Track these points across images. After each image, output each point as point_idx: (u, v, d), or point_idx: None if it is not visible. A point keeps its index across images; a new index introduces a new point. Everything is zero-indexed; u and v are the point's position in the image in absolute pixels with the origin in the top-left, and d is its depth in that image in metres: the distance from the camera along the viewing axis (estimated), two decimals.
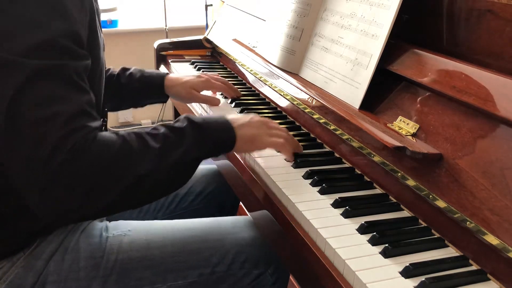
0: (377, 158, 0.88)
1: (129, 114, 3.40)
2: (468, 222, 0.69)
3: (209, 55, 1.80)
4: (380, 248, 0.70)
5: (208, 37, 1.74)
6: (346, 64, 1.03)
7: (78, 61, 0.73)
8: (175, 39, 1.81)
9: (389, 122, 0.91)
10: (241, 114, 0.94)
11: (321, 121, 1.05)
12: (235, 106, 1.27)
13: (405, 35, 0.98)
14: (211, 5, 2.70)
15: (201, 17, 2.92)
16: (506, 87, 0.73)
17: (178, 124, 0.83)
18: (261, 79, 1.34)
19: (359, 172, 0.94)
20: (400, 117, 0.90)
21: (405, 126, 0.88)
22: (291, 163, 0.95)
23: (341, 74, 1.04)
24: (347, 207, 0.79)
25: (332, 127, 1.01)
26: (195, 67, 1.64)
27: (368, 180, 0.91)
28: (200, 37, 1.78)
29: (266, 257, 0.94)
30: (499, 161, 0.71)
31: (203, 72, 1.55)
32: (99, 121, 0.76)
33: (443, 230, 0.75)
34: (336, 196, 0.83)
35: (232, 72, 1.60)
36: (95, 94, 0.82)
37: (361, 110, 0.96)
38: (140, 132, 0.78)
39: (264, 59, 1.31)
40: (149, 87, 1.23)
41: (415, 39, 0.96)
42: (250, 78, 1.44)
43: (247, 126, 0.90)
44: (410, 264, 0.66)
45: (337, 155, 1.00)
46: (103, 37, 0.91)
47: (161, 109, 3.16)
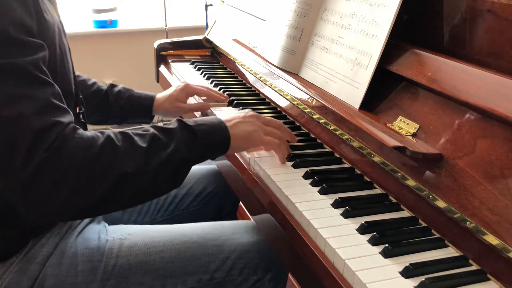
0: (377, 158, 0.88)
1: None
2: (468, 222, 0.69)
3: (209, 55, 1.80)
4: (380, 248, 0.70)
5: (208, 37, 1.74)
6: (346, 64, 1.03)
7: (33, 53, 0.71)
8: (175, 39, 1.81)
9: (389, 122, 0.91)
10: (235, 112, 0.93)
11: (321, 121, 1.05)
12: (235, 106, 1.27)
13: (405, 35, 0.98)
14: (211, 5, 2.70)
15: (201, 17, 2.92)
16: (506, 87, 0.73)
17: (168, 126, 0.82)
18: (261, 79, 1.34)
19: (359, 172, 0.94)
20: (400, 117, 0.90)
21: (405, 126, 0.88)
22: (291, 163, 0.95)
23: (341, 74, 1.04)
24: (347, 207, 0.79)
25: (332, 127, 1.01)
26: (195, 67, 1.63)
27: (368, 180, 0.91)
28: (200, 37, 1.78)
29: (265, 263, 0.94)
30: (499, 161, 0.71)
31: (204, 72, 1.56)
32: (70, 114, 0.74)
33: (443, 230, 0.75)
34: (336, 196, 0.83)
35: (232, 72, 1.60)
36: (62, 82, 0.79)
37: (361, 110, 0.96)
38: (127, 132, 0.77)
39: (264, 59, 1.31)
40: (137, 107, 1.23)
41: (415, 39, 0.96)
42: (250, 78, 1.44)
43: (240, 124, 0.89)
44: (410, 264, 0.66)
45: (337, 155, 1.00)
46: (60, 21, 0.87)
47: None
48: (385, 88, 0.97)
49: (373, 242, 0.71)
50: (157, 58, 1.77)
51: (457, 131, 0.79)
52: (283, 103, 1.24)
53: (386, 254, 0.69)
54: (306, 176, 0.90)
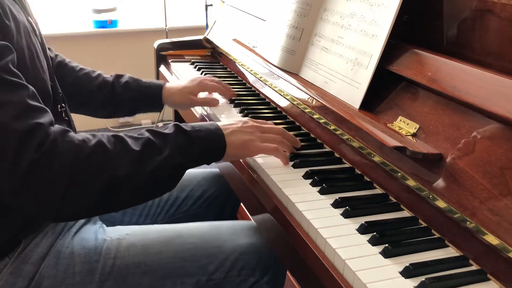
0: (377, 158, 0.88)
1: None
2: (468, 222, 0.69)
3: (209, 55, 1.80)
4: (380, 248, 0.70)
5: (208, 37, 1.74)
6: (346, 64, 1.03)
7: (1, 58, 0.70)
8: (175, 39, 1.81)
9: (389, 122, 0.91)
10: (235, 118, 0.92)
11: (321, 121, 1.05)
12: (235, 106, 1.27)
13: (405, 35, 0.98)
14: (211, 5, 2.70)
15: (201, 17, 2.92)
16: (506, 87, 0.73)
17: (164, 130, 0.82)
18: (261, 79, 1.34)
19: (359, 172, 0.94)
20: (400, 117, 0.90)
21: (405, 126, 0.88)
22: (291, 163, 0.95)
23: (341, 74, 1.04)
24: (347, 207, 0.79)
25: (332, 127, 1.01)
26: (195, 67, 1.63)
27: (368, 180, 0.91)
28: (200, 37, 1.78)
29: (263, 264, 0.94)
30: (499, 161, 0.71)
31: (204, 72, 1.56)
32: (49, 112, 0.74)
33: (443, 230, 0.75)
34: (336, 196, 0.83)
35: (232, 72, 1.60)
36: (36, 83, 0.79)
37: (361, 110, 0.96)
38: (121, 136, 0.78)
39: (264, 59, 1.31)
40: (147, 97, 1.22)
41: (415, 39, 0.96)
42: (250, 78, 1.44)
43: (238, 132, 0.88)
44: (410, 264, 0.66)
45: (337, 155, 1.00)
46: (28, 21, 0.86)
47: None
48: (385, 88, 0.97)
49: (373, 242, 0.71)
50: (157, 58, 1.77)
51: (457, 131, 0.79)
52: (283, 103, 1.24)
53: (386, 254, 0.69)
54: (306, 176, 0.90)
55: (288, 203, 0.83)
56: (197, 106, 1.30)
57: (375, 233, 0.72)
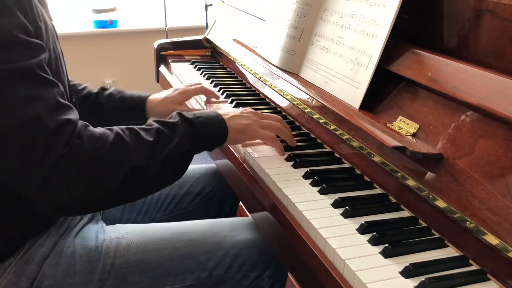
0: (377, 158, 0.88)
1: None
2: (468, 222, 0.69)
3: (209, 55, 1.80)
4: (380, 248, 0.70)
5: (208, 37, 1.74)
6: (346, 64, 1.03)
7: (37, 55, 0.73)
8: (175, 39, 1.81)
9: (389, 122, 0.91)
10: (233, 109, 0.95)
11: (321, 121, 1.05)
12: (235, 106, 1.27)
13: (405, 35, 0.98)
14: (211, 5, 2.70)
15: (201, 17, 2.92)
16: (506, 87, 0.73)
17: (170, 119, 0.85)
18: (261, 79, 1.34)
19: (359, 172, 0.94)
20: (400, 117, 0.90)
21: (405, 126, 0.88)
22: (291, 163, 0.95)
23: (341, 74, 1.04)
24: (347, 207, 0.79)
25: (332, 127, 1.01)
26: (195, 67, 1.64)
27: (368, 180, 0.91)
28: (200, 37, 1.78)
29: (263, 259, 0.94)
30: (499, 161, 0.71)
31: (204, 72, 1.56)
32: (76, 110, 0.77)
33: (443, 230, 0.75)
34: (336, 196, 0.83)
35: (232, 72, 1.60)
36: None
37: (361, 110, 0.96)
38: (134, 128, 0.81)
39: (264, 59, 1.31)
40: (129, 109, 1.22)
41: (415, 39, 0.96)
42: (250, 78, 1.44)
43: (238, 117, 0.93)
44: (410, 264, 0.66)
45: (337, 155, 1.00)
46: (52, 25, 0.89)
47: None
48: (385, 88, 0.97)
49: (373, 242, 0.71)
50: (157, 58, 1.77)
51: (457, 131, 0.79)
52: (283, 103, 1.24)
53: (386, 254, 0.69)
54: (306, 176, 0.90)
55: (288, 203, 0.83)
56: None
57: (375, 233, 0.72)
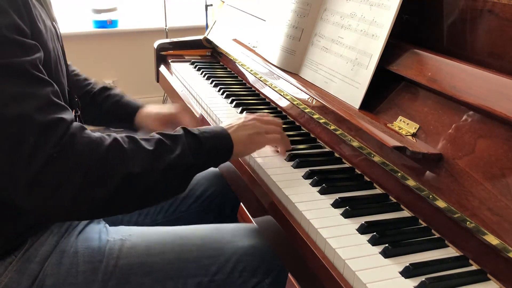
0: (377, 158, 0.88)
1: None
2: (468, 222, 0.69)
3: (209, 55, 1.80)
4: (380, 248, 0.70)
5: (208, 37, 1.74)
6: (346, 64, 1.03)
7: (30, 54, 0.72)
8: (175, 39, 1.81)
9: (389, 122, 0.91)
10: (235, 118, 0.94)
11: (321, 121, 1.05)
12: (235, 106, 1.27)
13: (405, 35, 0.98)
14: (211, 5, 2.70)
15: (201, 17, 2.92)
16: (506, 87, 0.73)
17: (173, 132, 0.83)
18: (261, 79, 1.34)
19: (359, 172, 0.94)
20: (400, 117, 0.90)
21: (405, 126, 0.88)
22: (291, 163, 0.95)
23: (341, 74, 1.04)
24: (347, 207, 0.79)
25: (332, 127, 1.01)
26: (195, 67, 1.64)
27: (368, 180, 0.91)
28: (200, 37, 1.78)
29: (265, 266, 0.94)
30: (499, 161, 0.71)
31: (204, 72, 1.56)
32: (71, 111, 0.75)
33: (443, 230, 0.75)
34: (336, 196, 0.83)
35: (232, 72, 1.60)
36: (57, 85, 0.79)
37: (361, 110, 0.96)
38: (133, 136, 0.79)
39: (264, 59, 1.31)
40: (120, 114, 1.22)
41: (415, 39, 0.96)
42: (250, 78, 1.44)
43: (242, 129, 0.90)
44: (410, 264, 0.66)
45: (337, 155, 1.00)
46: (52, 25, 0.88)
47: None
48: (385, 88, 0.97)
49: (373, 242, 0.71)
50: (157, 58, 1.77)
51: (457, 131, 0.79)
52: (283, 103, 1.24)
53: (386, 254, 0.69)
54: (306, 176, 0.90)
55: (288, 203, 0.83)
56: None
57: (375, 233, 0.72)
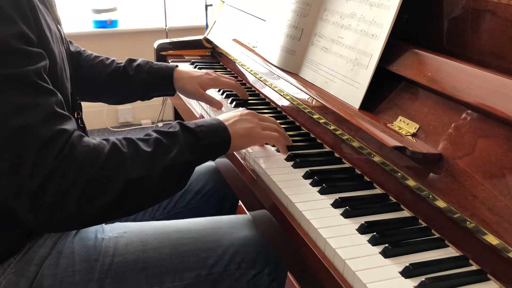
0: (377, 158, 0.88)
1: (129, 114, 3.41)
2: (468, 222, 0.69)
3: (209, 55, 1.81)
4: (380, 248, 0.70)
5: (208, 37, 1.74)
6: (346, 64, 1.03)
7: (35, 63, 0.71)
8: (175, 39, 1.81)
9: (389, 122, 0.91)
10: (230, 112, 0.94)
11: (321, 121, 1.05)
12: (235, 106, 1.27)
13: (405, 35, 0.98)
14: (211, 5, 2.70)
15: (201, 17, 2.92)
16: (506, 87, 0.73)
17: (170, 129, 0.83)
18: (261, 79, 1.34)
19: (359, 172, 0.94)
20: (400, 117, 0.90)
21: (405, 126, 0.88)
22: (291, 163, 0.95)
23: (341, 74, 1.04)
24: (347, 207, 0.79)
25: (332, 127, 1.01)
26: (195, 67, 1.64)
27: (368, 180, 0.91)
28: (200, 37, 1.78)
29: (263, 257, 0.94)
30: (499, 161, 0.71)
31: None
32: (74, 121, 0.75)
33: (443, 230, 0.75)
34: (336, 196, 0.83)
35: (232, 72, 1.60)
36: (61, 91, 0.80)
37: (361, 110, 0.96)
38: (131, 138, 0.78)
39: (264, 59, 1.31)
40: (158, 79, 1.22)
41: (415, 39, 0.96)
42: (250, 78, 1.44)
43: (238, 122, 0.91)
44: (410, 264, 0.66)
45: (337, 155, 1.00)
46: (59, 29, 0.88)
47: (161, 109, 3.17)
48: (385, 88, 0.97)
49: (373, 242, 0.71)
50: (157, 58, 1.77)
51: (457, 131, 0.79)
52: (283, 103, 1.24)
53: (386, 254, 0.69)
54: (306, 176, 0.90)
55: (288, 203, 0.83)
56: (201, 101, 1.28)
57: (375, 233, 0.72)
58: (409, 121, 0.88)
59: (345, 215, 0.78)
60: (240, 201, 1.30)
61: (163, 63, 1.26)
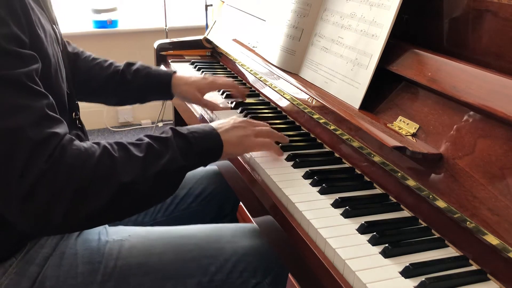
0: (377, 158, 0.88)
1: (129, 114, 3.40)
2: (468, 222, 0.69)
3: (209, 55, 1.81)
4: (380, 248, 0.70)
5: (208, 37, 1.74)
6: (346, 64, 1.03)
7: (27, 65, 0.70)
8: (175, 39, 1.81)
9: (389, 122, 0.91)
10: (224, 119, 0.93)
11: (321, 121, 1.05)
12: (235, 106, 1.27)
13: (405, 35, 0.98)
14: (211, 5, 2.70)
15: (201, 17, 2.92)
16: (506, 87, 0.73)
17: (162, 134, 0.82)
18: (261, 79, 1.34)
19: (359, 172, 0.94)
20: (400, 117, 0.90)
21: (405, 126, 0.88)
22: (291, 163, 0.95)
23: (341, 74, 1.04)
24: (347, 207, 0.79)
25: (332, 127, 1.01)
26: (195, 67, 1.64)
27: (368, 180, 0.91)
28: (200, 37, 1.79)
29: (264, 266, 0.94)
30: (499, 161, 0.71)
31: (204, 72, 1.55)
32: (65, 124, 0.74)
33: (443, 230, 0.75)
34: (336, 196, 0.83)
35: (232, 72, 1.60)
36: (56, 92, 0.79)
37: (361, 110, 0.96)
38: (123, 142, 0.78)
39: (264, 59, 1.31)
40: (156, 85, 1.22)
41: (415, 39, 0.96)
42: (250, 78, 1.44)
43: (232, 129, 0.90)
44: (410, 264, 0.66)
45: (337, 155, 1.00)
46: (54, 30, 0.87)
47: (161, 109, 3.17)
48: (385, 88, 0.97)
49: (373, 242, 0.71)
50: (157, 58, 1.77)
51: (457, 131, 0.79)
52: (283, 103, 1.24)
53: (386, 254, 0.69)
54: (306, 176, 0.90)
55: (288, 203, 0.83)
56: (199, 105, 1.29)
57: (375, 233, 0.72)
58: (409, 121, 0.88)
59: (345, 215, 0.78)
60: (241, 202, 1.30)
61: (162, 68, 1.25)
